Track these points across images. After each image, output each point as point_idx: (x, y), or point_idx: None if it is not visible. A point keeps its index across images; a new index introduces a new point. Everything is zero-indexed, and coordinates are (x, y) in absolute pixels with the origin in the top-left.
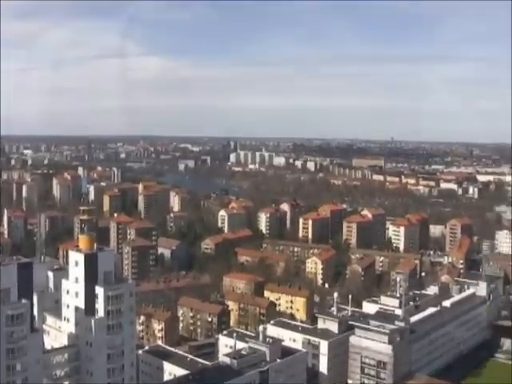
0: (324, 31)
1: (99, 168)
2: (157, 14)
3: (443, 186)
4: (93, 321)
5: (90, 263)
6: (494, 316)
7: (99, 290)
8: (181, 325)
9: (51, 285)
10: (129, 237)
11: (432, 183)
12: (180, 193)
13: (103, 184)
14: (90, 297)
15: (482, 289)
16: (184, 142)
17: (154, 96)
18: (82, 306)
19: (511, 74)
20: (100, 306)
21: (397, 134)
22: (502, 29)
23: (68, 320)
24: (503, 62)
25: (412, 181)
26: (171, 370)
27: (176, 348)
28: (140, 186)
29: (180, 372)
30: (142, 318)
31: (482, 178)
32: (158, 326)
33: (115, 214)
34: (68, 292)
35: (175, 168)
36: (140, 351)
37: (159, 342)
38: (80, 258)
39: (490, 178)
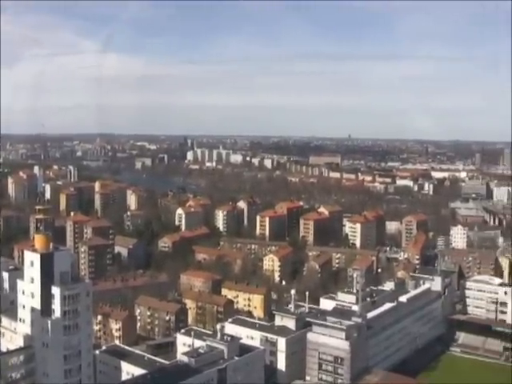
0: (282, 30)
1: (55, 167)
2: (113, 12)
3: (399, 182)
4: (49, 321)
5: (46, 263)
6: (449, 310)
7: (55, 290)
8: (138, 324)
9: (6, 285)
10: (85, 236)
11: (388, 180)
12: (137, 191)
13: (59, 183)
14: (46, 297)
15: (437, 284)
16: (141, 140)
17: (110, 93)
18: (37, 306)
19: (466, 72)
20: (56, 306)
21: (354, 131)
22: (459, 28)
23: (23, 321)
24: (459, 61)
25: (368, 178)
26: (129, 370)
27: (134, 347)
28: (97, 185)
29: (138, 371)
30: (99, 317)
31: (437, 175)
32: (115, 326)
33: (71, 213)
34: (23, 292)
35: (132, 166)
36: (97, 351)
37: (117, 342)
38: (36, 257)
39: (445, 174)
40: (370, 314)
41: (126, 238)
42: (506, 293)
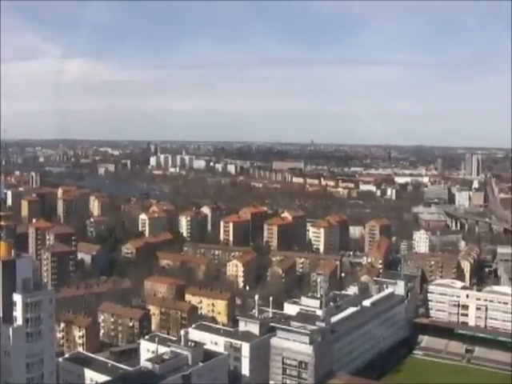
0: (246, 35)
1: (17, 173)
2: (77, 16)
3: (362, 187)
4: (11, 329)
5: (8, 270)
6: (412, 314)
7: (17, 298)
8: (102, 331)
9: None
10: (48, 242)
11: (351, 185)
12: (100, 197)
13: (21, 189)
14: (8, 305)
15: (400, 288)
16: (104, 146)
17: (73, 99)
18: None
19: (428, 78)
20: (18, 313)
21: (317, 136)
22: (423, 34)
23: None
24: (421, 67)
25: (331, 183)
26: (92, 377)
27: (97, 354)
28: (59, 191)
29: (101, 378)
30: (62, 324)
31: (399, 180)
32: (78, 333)
33: (34, 220)
34: None
35: (95, 172)
36: (60, 359)
37: (80, 349)
38: None
39: (408, 179)
40: (334, 319)
41: (89, 245)
42: (467, 296)
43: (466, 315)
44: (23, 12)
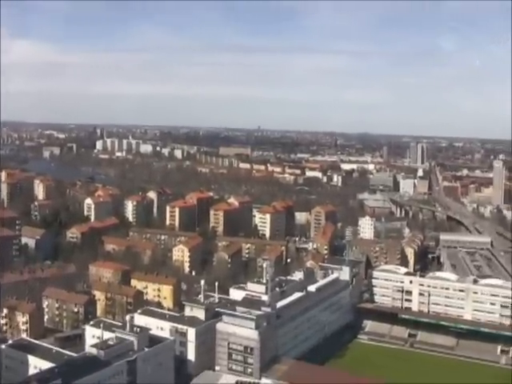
0: (195, 21)
1: None
2: None
3: (308, 174)
4: None
5: None
6: (357, 299)
7: None
8: (46, 316)
9: None
10: None
11: (297, 171)
12: (45, 181)
13: None
14: None
15: (345, 273)
16: (49, 129)
17: (19, 80)
18: None
19: (375, 68)
20: None
21: (264, 123)
22: (373, 24)
23: None
24: (369, 56)
25: (278, 169)
26: (36, 364)
27: (41, 340)
28: (3, 174)
29: (45, 365)
30: (5, 310)
31: (345, 167)
32: (22, 319)
33: None
34: None
35: (40, 155)
36: (3, 345)
37: (23, 335)
38: None
39: (354, 166)
40: (280, 304)
41: (34, 229)
42: (411, 281)
43: (410, 300)
44: None
